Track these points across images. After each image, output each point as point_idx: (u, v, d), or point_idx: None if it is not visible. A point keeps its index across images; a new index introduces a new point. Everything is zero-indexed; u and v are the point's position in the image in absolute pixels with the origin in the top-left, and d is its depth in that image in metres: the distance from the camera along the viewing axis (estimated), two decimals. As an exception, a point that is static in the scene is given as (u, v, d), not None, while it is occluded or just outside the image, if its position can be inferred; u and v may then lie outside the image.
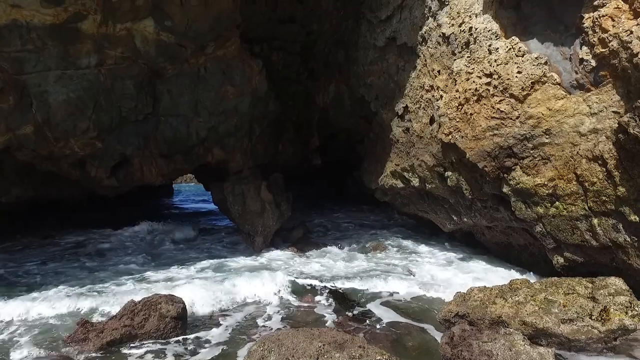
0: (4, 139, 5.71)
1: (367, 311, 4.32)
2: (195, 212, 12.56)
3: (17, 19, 5.58)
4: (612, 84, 3.59)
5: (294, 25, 9.61)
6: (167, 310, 4.11)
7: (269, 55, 9.42)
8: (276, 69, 9.70)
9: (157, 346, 3.58)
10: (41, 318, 4.14)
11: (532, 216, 4.70)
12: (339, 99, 10.30)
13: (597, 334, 3.19)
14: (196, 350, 3.51)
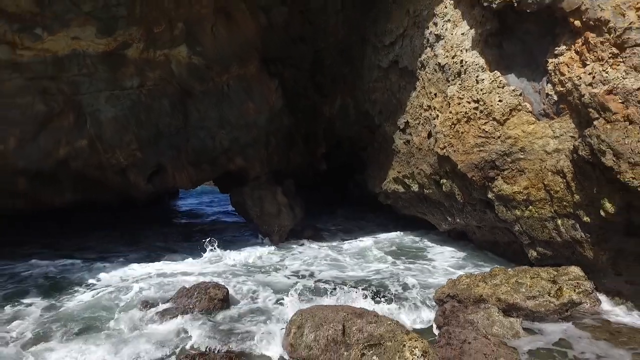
0: (64, 151, 6.68)
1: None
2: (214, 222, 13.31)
3: (76, 49, 6.55)
4: (569, 114, 4.59)
5: (303, 44, 10.61)
6: (215, 294, 5.10)
7: (281, 73, 10.40)
8: (288, 86, 10.69)
9: (206, 317, 4.53)
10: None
11: (512, 217, 5.71)
12: (344, 110, 11.28)
13: (553, 306, 4.19)
14: (238, 319, 4.48)
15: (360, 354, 2.79)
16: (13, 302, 4.90)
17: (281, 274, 6.30)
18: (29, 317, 4.47)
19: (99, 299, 4.93)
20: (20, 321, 4.35)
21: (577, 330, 3.90)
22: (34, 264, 6.43)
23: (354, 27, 9.88)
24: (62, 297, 5.09)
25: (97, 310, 4.60)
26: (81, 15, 6.08)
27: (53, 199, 7.43)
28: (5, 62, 5.87)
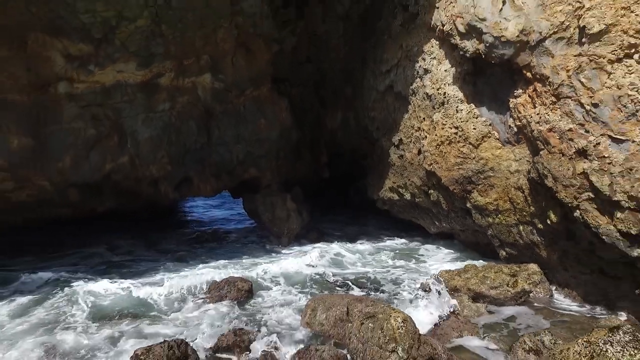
0: (109, 167, 7.87)
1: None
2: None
3: (120, 80, 7.74)
4: (525, 143, 5.79)
5: (309, 64, 11.82)
6: (241, 286, 6.30)
7: (289, 91, 11.61)
8: (295, 101, 11.89)
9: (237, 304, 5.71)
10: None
11: (485, 224, 6.91)
12: (345, 123, 12.48)
13: (510, 294, 5.39)
14: (263, 305, 5.67)
15: (360, 323, 3.98)
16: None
17: (294, 270, 7.52)
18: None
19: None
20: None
21: (526, 310, 5.11)
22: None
23: (354, 50, 11.07)
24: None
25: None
26: (127, 53, 7.27)
27: (96, 207, 8.63)
28: (65, 95, 7.05)
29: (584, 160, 4.68)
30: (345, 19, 10.85)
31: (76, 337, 4.56)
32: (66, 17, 6.18)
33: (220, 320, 5.08)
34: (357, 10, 10.54)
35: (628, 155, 4.29)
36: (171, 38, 7.39)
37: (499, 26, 5.45)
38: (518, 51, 5.37)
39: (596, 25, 4.50)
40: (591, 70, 4.60)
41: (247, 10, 7.89)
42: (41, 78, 6.64)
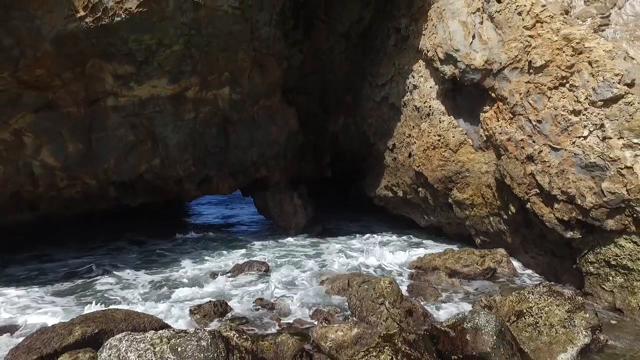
0: (144, 167, 9.21)
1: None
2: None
3: (153, 94, 9.05)
4: (492, 150, 7.14)
5: (314, 76, 13.16)
6: (259, 267, 7.66)
7: (297, 99, 12.94)
8: (302, 108, 13.23)
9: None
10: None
11: (464, 216, 8.26)
12: (346, 128, 13.81)
13: (478, 271, 6.74)
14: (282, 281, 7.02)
15: (357, 286, 5.33)
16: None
17: (299, 254, 8.87)
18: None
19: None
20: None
21: (491, 283, 6.47)
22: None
23: (354, 64, 12.41)
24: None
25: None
26: (162, 72, 8.61)
27: (129, 202, 9.98)
28: (111, 107, 8.38)
29: (532, 163, 6.03)
30: (347, 37, 12.18)
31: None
32: (118, 46, 7.50)
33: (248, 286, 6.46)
34: (357, 30, 11.87)
35: (561, 160, 5.64)
36: (198, 59, 8.71)
37: (469, 56, 6.80)
38: (484, 76, 6.71)
39: (539, 60, 5.85)
40: (536, 94, 5.94)
41: (263, 36, 9.20)
42: (94, 94, 7.97)
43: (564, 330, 3.99)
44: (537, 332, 4.02)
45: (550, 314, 4.13)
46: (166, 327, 4.16)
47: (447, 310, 5.47)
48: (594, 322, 4.04)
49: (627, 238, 5.20)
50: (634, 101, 5.00)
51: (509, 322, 4.25)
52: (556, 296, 4.31)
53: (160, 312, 5.25)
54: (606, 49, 5.33)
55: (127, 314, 4.02)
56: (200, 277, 7.19)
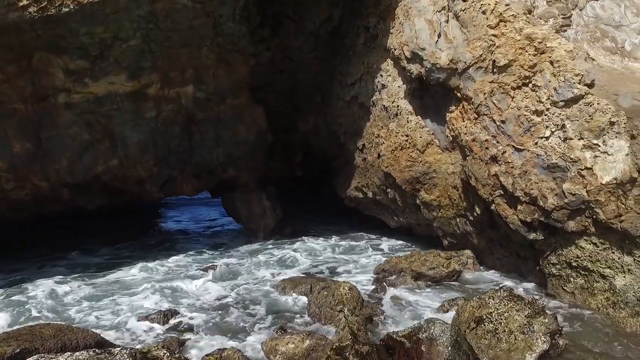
0: (101, 168, 8.73)
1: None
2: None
3: (111, 90, 8.57)
4: (458, 150, 7.06)
5: (284, 74, 12.87)
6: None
7: (265, 98, 12.62)
8: (271, 107, 12.92)
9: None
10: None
11: (431, 217, 8.16)
12: (317, 127, 13.58)
13: (444, 273, 6.64)
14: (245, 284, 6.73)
15: (317, 293, 5.10)
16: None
17: (267, 258, 8.59)
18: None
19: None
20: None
21: (456, 285, 6.38)
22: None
23: (324, 63, 12.19)
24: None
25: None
26: (119, 67, 8.16)
27: (85, 204, 9.46)
28: (63, 104, 7.88)
29: (495, 164, 5.95)
30: (316, 36, 11.95)
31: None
32: (68, 38, 7.02)
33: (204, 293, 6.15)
34: (327, 28, 11.64)
35: (524, 161, 5.58)
36: (159, 54, 8.30)
37: (435, 55, 6.69)
38: (449, 76, 6.61)
39: (502, 60, 5.77)
40: (500, 94, 5.87)
41: (227, 31, 8.85)
42: (43, 90, 7.46)
43: (523, 336, 3.88)
44: (496, 339, 3.89)
45: (509, 319, 4.01)
46: (102, 342, 3.83)
47: (410, 315, 5.32)
48: (552, 327, 3.94)
49: (588, 239, 5.17)
50: (593, 102, 4.97)
51: (469, 328, 4.11)
52: (516, 301, 4.20)
53: (106, 324, 4.89)
54: (567, 49, 5.29)
55: (57, 330, 3.66)
56: (155, 283, 6.80)
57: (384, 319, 4.98)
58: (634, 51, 5.82)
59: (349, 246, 9.78)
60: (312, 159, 15.03)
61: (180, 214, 16.08)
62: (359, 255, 8.77)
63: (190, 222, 14.74)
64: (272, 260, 8.47)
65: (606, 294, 5.02)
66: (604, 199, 4.81)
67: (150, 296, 5.95)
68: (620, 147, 4.71)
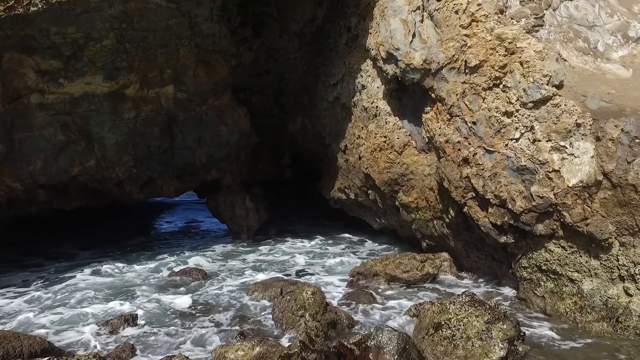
0: (77, 169, 8.62)
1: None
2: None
3: (87, 91, 8.47)
4: (433, 151, 6.97)
5: (268, 75, 12.78)
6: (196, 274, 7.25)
7: (250, 99, 12.54)
8: (256, 108, 12.83)
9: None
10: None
11: (410, 219, 8.07)
12: (304, 128, 13.49)
13: (418, 276, 6.55)
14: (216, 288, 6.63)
15: (281, 297, 5.01)
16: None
17: (245, 260, 8.49)
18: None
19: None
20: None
21: (429, 288, 6.31)
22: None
23: (309, 63, 12.12)
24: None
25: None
26: (94, 68, 8.06)
27: (63, 206, 9.36)
28: (36, 105, 7.78)
29: (467, 166, 5.87)
30: (300, 36, 11.87)
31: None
32: (38, 38, 6.93)
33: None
34: (311, 29, 11.57)
35: (494, 163, 5.50)
36: (134, 54, 8.20)
37: (409, 55, 6.61)
38: (423, 76, 6.53)
39: (473, 60, 5.69)
40: (472, 95, 5.79)
41: (205, 32, 8.76)
42: (15, 90, 7.37)
43: (481, 342, 3.80)
44: (452, 345, 3.81)
45: (468, 325, 3.93)
46: (50, 349, 3.73)
47: (378, 319, 5.23)
48: (511, 333, 3.86)
49: (556, 243, 5.10)
50: (560, 103, 4.89)
51: (427, 334, 4.03)
52: (477, 306, 4.12)
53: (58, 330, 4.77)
54: (536, 50, 5.21)
55: (1, 337, 3.56)
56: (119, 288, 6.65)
57: (349, 324, 4.89)
58: (606, 52, 5.74)
59: (330, 248, 9.70)
60: (302, 161, 14.97)
61: (175, 215, 16.00)
62: (340, 258, 8.68)
63: (181, 222, 14.66)
64: (249, 262, 8.38)
65: (574, 298, 4.94)
66: (570, 202, 4.73)
67: (110, 301, 5.82)
68: (586, 149, 4.63)
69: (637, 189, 4.19)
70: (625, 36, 5.87)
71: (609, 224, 4.47)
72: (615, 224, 4.43)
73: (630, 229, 4.32)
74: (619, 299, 4.46)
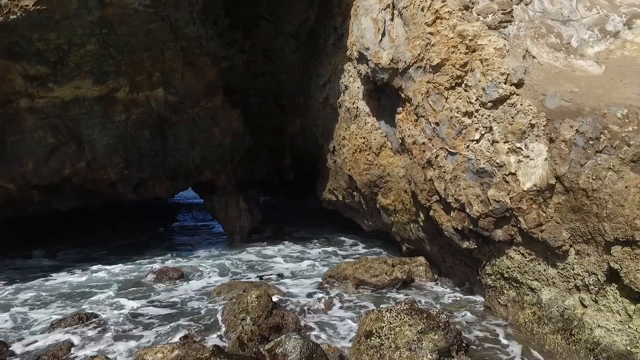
0: (68, 171, 8.93)
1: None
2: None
3: (78, 95, 8.76)
4: (407, 153, 6.78)
5: (265, 77, 12.83)
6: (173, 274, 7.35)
7: (246, 101, 12.63)
8: (253, 110, 12.92)
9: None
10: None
11: (390, 222, 7.90)
12: (303, 130, 13.48)
13: (386, 281, 6.38)
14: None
15: (230, 299, 5.00)
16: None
17: (226, 261, 8.54)
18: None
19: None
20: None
21: (403, 291, 6.17)
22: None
23: (304, 64, 12.08)
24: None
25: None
26: (82, 72, 8.32)
27: (59, 206, 9.71)
28: (25, 109, 8.11)
29: (431, 168, 5.67)
30: (296, 37, 11.86)
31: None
32: (22, 45, 7.23)
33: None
34: (305, 30, 11.55)
35: (455, 165, 5.28)
36: (120, 59, 8.41)
37: (378, 55, 6.46)
38: (392, 76, 6.37)
39: (436, 59, 5.49)
40: (435, 95, 5.59)
41: (190, 35, 8.87)
42: (4, 95, 7.71)
43: (409, 353, 3.64)
44: (378, 355, 3.68)
45: (399, 334, 3.78)
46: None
47: (328, 324, 5.13)
48: (441, 344, 3.68)
49: (516, 249, 4.84)
50: (516, 102, 4.64)
51: (358, 342, 3.91)
52: (414, 315, 3.96)
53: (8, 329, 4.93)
54: (497, 47, 4.98)
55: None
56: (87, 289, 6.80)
57: (296, 328, 4.81)
58: (580, 47, 5.41)
59: (317, 251, 9.63)
60: (302, 162, 14.95)
61: (188, 215, 16.26)
62: (325, 261, 8.60)
63: (189, 222, 14.91)
64: (230, 264, 8.42)
65: (533, 308, 4.68)
66: (525, 207, 4.48)
67: (71, 302, 5.99)
68: (540, 151, 4.37)
69: (588, 193, 3.92)
70: (602, 30, 5.51)
71: (563, 231, 4.20)
72: (570, 230, 4.16)
73: (584, 236, 4.04)
74: (575, 310, 4.19)
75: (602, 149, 3.94)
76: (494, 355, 4.31)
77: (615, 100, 4.35)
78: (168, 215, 15.86)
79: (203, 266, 8.17)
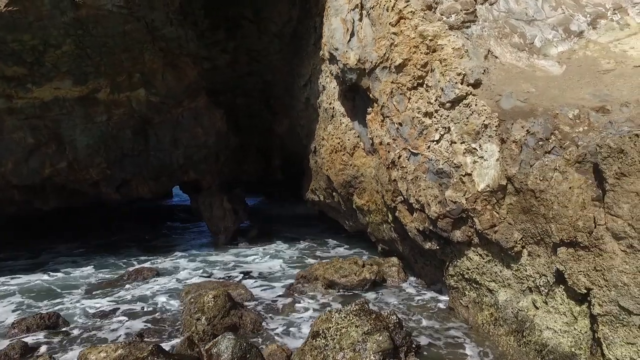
0: (49, 171, 8.99)
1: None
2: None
3: (58, 95, 8.81)
4: (378, 153, 6.77)
5: (252, 77, 12.85)
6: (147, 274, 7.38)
7: (233, 101, 12.65)
8: (241, 110, 12.95)
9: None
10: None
11: (365, 222, 7.89)
12: (292, 130, 13.47)
13: (355, 281, 6.38)
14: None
15: (189, 299, 5.02)
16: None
17: (202, 261, 8.57)
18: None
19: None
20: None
21: (372, 291, 6.16)
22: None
23: (289, 64, 12.09)
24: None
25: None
26: (60, 73, 8.36)
27: (41, 205, 9.77)
28: (4, 110, 8.17)
29: (395, 169, 5.67)
30: (280, 37, 11.86)
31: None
32: (-3, 46, 7.31)
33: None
34: (288, 30, 11.55)
35: (417, 166, 5.27)
36: (99, 59, 8.45)
37: (346, 55, 6.45)
38: (360, 76, 6.36)
39: (398, 59, 5.49)
40: (399, 95, 5.58)
41: (168, 36, 8.90)
42: (-20, 96, 7.78)
43: (353, 354, 3.65)
44: (321, 356, 3.68)
45: (345, 335, 3.79)
46: None
47: (285, 324, 5.14)
48: (384, 345, 3.68)
49: (475, 250, 4.83)
50: (471, 103, 4.62)
51: (305, 343, 3.92)
52: (362, 316, 3.96)
53: None
54: (455, 47, 4.96)
55: None
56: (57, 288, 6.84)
57: (254, 329, 4.82)
58: (544, 47, 5.38)
59: (297, 252, 9.64)
60: (292, 162, 14.96)
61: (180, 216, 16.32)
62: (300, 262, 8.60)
63: (183, 222, 14.90)
64: (208, 263, 8.44)
65: (491, 310, 4.67)
66: (480, 208, 4.47)
67: (39, 301, 6.04)
68: (492, 151, 4.36)
69: (536, 194, 3.90)
70: (566, 30, 5.49)
71: (515, 232, 4.19)
72: (521, 231, 4.14)
73: (534, 238, 4.03)
74: (528, 312, 4.17)
75: (551, 150, 3.92)
76: (447, 356, 4.30)
77: (568, 101, 4.33)
78: (162, 216, 15.91)
79: (180, 266, 8.20)
